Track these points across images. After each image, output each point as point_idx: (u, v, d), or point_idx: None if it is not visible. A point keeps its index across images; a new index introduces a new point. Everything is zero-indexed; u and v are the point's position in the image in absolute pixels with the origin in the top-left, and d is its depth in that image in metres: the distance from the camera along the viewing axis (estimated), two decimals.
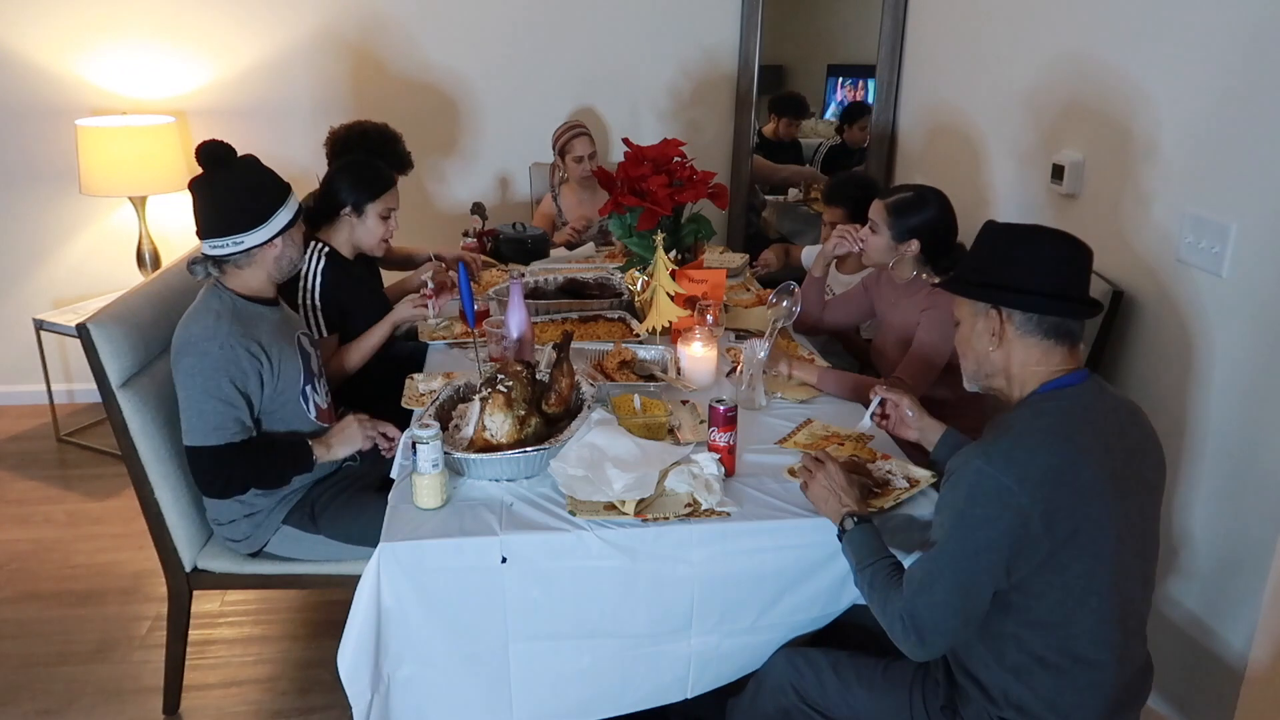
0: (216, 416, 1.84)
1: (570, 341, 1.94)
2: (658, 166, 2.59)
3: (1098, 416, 1.41)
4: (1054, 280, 1.42)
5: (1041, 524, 1.33)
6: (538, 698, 1.69)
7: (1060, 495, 1.33)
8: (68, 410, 3.85)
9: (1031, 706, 1.42)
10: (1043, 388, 1.44)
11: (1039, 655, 1.41)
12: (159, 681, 2.23)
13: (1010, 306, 1.44)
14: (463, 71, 3.79)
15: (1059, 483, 1.34)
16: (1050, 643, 1.41)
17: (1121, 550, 1.39)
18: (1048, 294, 1.42)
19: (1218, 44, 1.93)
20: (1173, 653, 2.11)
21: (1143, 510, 1.45)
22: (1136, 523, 1.43)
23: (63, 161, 3.62)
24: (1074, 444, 1.36)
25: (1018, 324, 1.45)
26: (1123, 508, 1.39)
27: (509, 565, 1.61)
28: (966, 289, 1.50)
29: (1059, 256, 1.44)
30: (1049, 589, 1.38)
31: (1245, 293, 1.88)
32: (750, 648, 1.72)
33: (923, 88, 3.53)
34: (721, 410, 1.76)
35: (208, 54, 3.62)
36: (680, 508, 1.67)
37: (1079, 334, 1.46)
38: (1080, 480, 1.34)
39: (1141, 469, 1.45)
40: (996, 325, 1.46)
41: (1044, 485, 1.33)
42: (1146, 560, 1.48)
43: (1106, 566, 1.38)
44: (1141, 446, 1.47)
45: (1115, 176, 2.28)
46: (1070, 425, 1.38)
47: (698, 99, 3.95)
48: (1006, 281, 1.44)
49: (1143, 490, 1.45)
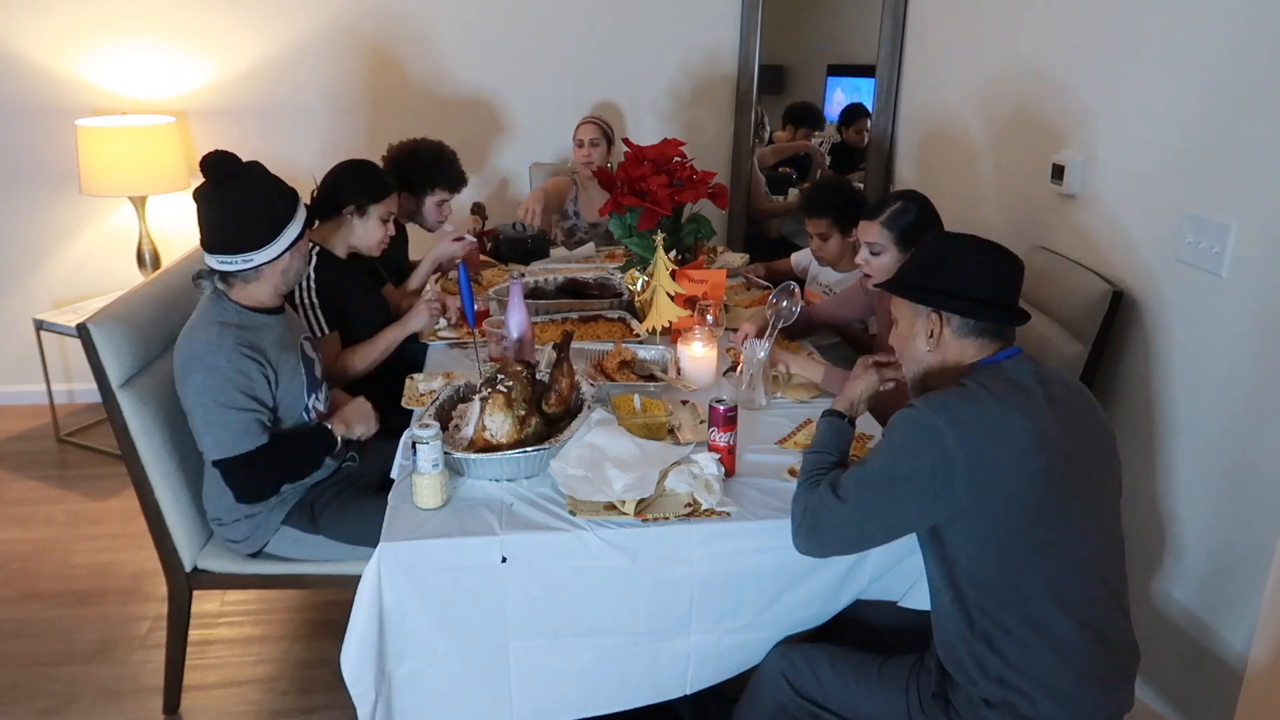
0: (239, 424, 1.83)
1: (570, 341, 1.95)
2: (658, 166, 2.59)
3: (1030, 382, 1.46)
4: (991, 288, 1.52)
5: (965, 469, 1.38)
6: (537, 694, 1.69)
7: (988, 446, 1.38)
8: (68, 410, 3.85)
9: (1009, 678, 1.43)
10: (980, 363, 1.52)
11: (999, 620, 1.44)
12: (159, 681, 2.23)
13: (951, 311, 1.52)
14: (463, 72, 3.79)
15: (988, 433, 1.39)
16: (1008, 608, 1.43)
17: (1066, 515, 1.42)
18: (985, 300, 1.51)
19: (1218, 44, 1.93)
20: (1172, 652, 2.11)
21: (1091, 479, 1.48)
22: (1083, 492, 1.45)
23: (63, 161, 3.62)
24: (1005, 402, 1.42)
25: (955, 327, 1.53)
26: (1062, 470, 1.42)
27: (509, 565, 1.61)
28: (910, 292, 1.58)
29: (996, 266, 1.54)
30: (984, 546, 1.42)
31: (1245, 293, 1.88)
32: (749, 644, 1.73)
33: (923, 88, 3.53)
34: (721, 410, 1.76)
35: (208, 54, 3.63)
36: (680, 508, 1.67)
37: (1012, 336, 1.54)
38: (1010, 435, 1.39)
39: (1085, 438, 1.49)
40: (936, 327, 1.54)
41: (973, 432, 1.39)
42: (1107, 531, 1.51)
43: (1049, 528, 1.41)
44: (1082, 418, 1.50)
45: (1115, 176, 2.28)
46: (1002, 385, 1.44)
47: (698, 99, 3.95)
48: (948, 288, 1.52)
49: (1087, 458, 1.48)
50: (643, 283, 2.54)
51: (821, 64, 4.18)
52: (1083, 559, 1.45)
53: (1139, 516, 2.22)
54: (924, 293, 1.55)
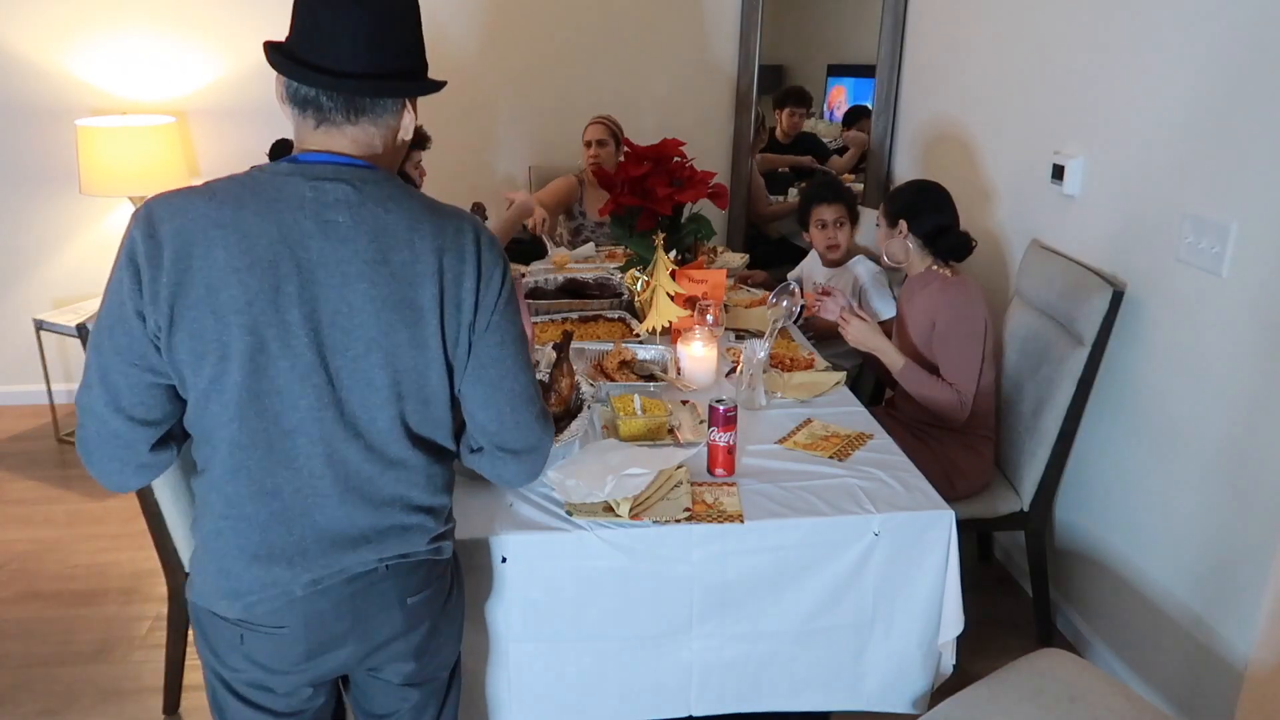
0: None
1: (570, 341, 1.94)
2: (658, 166, 2.59)
3: (289, 194, 1.17)
4: None
5: (153, 254, 1.13)
6: (536, 701, 1.69)
7: (183, 242, 1.13)
8: (68, 410, 3.84)
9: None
10: (299, 157, 1.23)
11: (202, 494, 1.25)
12: (159, 681, 2.23)
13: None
14: (463, 72, 3.79)
15: (191, 236, 1.13)
16: (200, 465, 1.24)
17: (267, 364, 1.17)
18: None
19: (1218, 44, 1.93)
20: (1173, 652, 2.11)
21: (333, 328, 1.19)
22: (305, 335, 1.17)
23: (62, 161, 3.62)
24: (223, 208, 1.15)
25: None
26: (276, 304, 1.15)
27: (509, 565, 1.61)
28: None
29: None
30: (187, 385, 1.19)
31: (1245, 293, 1.88)
32: (752, 658, 1.72)
33: (923, 87, 3.53)
34: (721, 410, 1.76)
35: (208, 54, 3.63)
36: (679, 512, 1.66)
37: (326, 110, 1.22)
38: (210, 240, 1.13)
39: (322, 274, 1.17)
40: None
41: (171, 221, 1.14)
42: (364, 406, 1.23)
43: (239, 374, 1.16)
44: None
45: (1115, 176, 2.28)
46: (242, 192, 1.17)
47: (698, 99, 3.95)
48: None
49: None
50: (643, 283, 2.54)
51: (821, 64, 4.18)
52: (288, 433, 1.22)
53: (1140, 516, 2.22)
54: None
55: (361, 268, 1.18)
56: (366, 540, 1.27)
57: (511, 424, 1.33)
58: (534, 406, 1.35)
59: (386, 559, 1.29)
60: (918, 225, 2.33)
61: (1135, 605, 2.23)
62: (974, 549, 2.85)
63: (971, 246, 2.31)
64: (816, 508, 1.70)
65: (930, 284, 2.32)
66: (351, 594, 1.28)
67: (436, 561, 1.37)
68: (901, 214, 2.36)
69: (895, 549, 1.69)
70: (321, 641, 1.28)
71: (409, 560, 1.32)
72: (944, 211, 2.34)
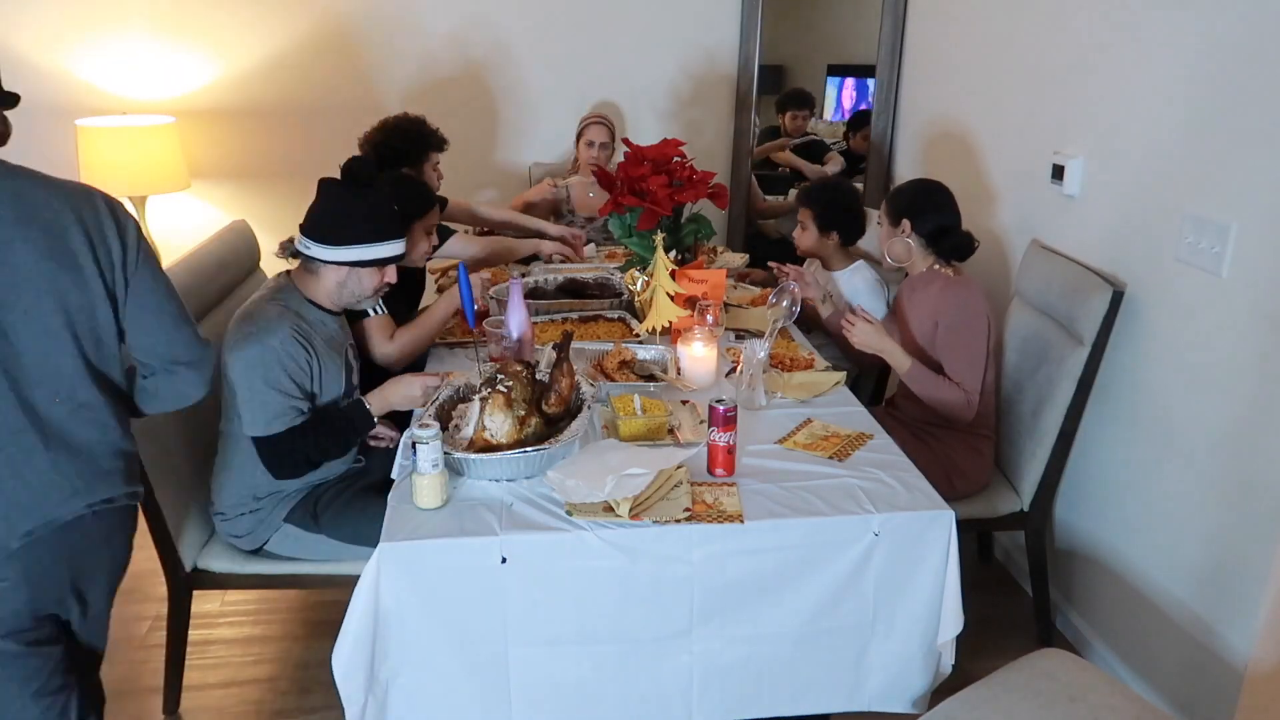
0: (276, 406, 1.89)
1: (570, 341, 1.95)
2: (658, 166, 2.59)
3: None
4: None
5: None
6: (536, 706, 1.69)
7: None
8: None
9: None
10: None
11: None
12: (159, 681, 2.23)
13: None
14: (463, 72, 3.79)
15: None
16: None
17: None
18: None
19: (1218, 44, 1.93)
20: (1173, 652, 2.11)
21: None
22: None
23: (63, 161, 3.61)
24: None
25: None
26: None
27: (509, 565, 1.61)
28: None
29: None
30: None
31: (1245, 293, 1.88)
32: (752, 661, 1.72)
33: (923, 87, 3.53)
34: (721, 410, 1.76)
35: (208, 54, 3.62)
36: (679, 512, 1.66)
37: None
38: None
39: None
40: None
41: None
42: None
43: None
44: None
45: (1115, 177, 2.28)
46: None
47: (698, 99, 3.95)
48: None
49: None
50: (643, 283, 2.54)
51: (821, 64, 4.18)
52: None
53: (1140, 515, 2.22)
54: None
55: (13, 229, 1.37)
56: (74, 489, 1.42)
57: (179, 338, 1.56)
58: (192, 325, 1.59)
59: (94, 504, 1.45)
60: (920, 225, 2.33)
61: (1135, 605, 2.23)
62: (974, 549, 2.85)
63: (974, 246, 2.31)
64: (816, 508, 1.70)
65: (932, 283, 2.32)
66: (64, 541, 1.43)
67: (130, 507, 1.55)
68: (904, 213, 2.36)
69: (895, 549, 1.69)
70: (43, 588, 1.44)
71: (113, 505, 1.49)
72: (947, 211, 2.34)
